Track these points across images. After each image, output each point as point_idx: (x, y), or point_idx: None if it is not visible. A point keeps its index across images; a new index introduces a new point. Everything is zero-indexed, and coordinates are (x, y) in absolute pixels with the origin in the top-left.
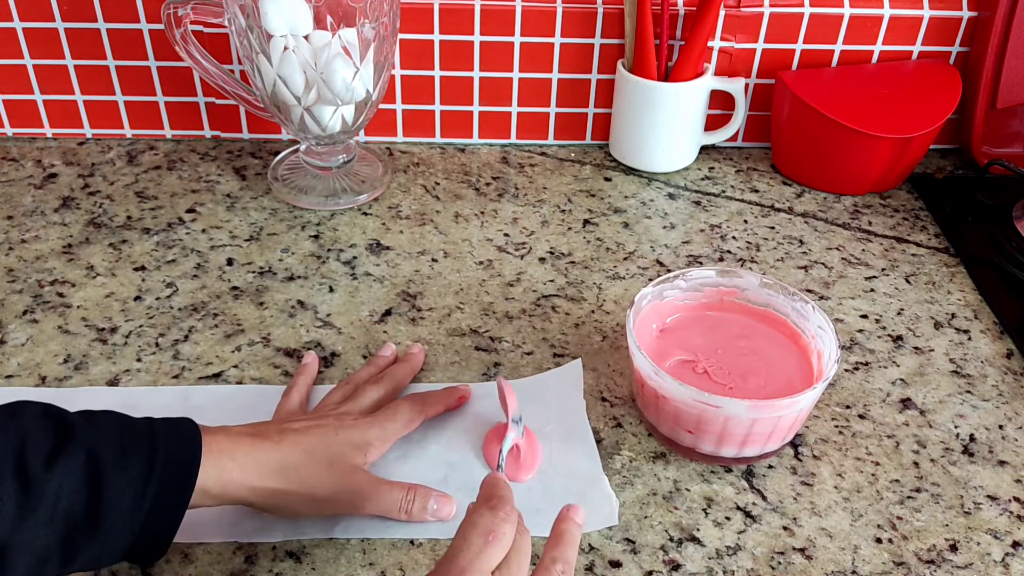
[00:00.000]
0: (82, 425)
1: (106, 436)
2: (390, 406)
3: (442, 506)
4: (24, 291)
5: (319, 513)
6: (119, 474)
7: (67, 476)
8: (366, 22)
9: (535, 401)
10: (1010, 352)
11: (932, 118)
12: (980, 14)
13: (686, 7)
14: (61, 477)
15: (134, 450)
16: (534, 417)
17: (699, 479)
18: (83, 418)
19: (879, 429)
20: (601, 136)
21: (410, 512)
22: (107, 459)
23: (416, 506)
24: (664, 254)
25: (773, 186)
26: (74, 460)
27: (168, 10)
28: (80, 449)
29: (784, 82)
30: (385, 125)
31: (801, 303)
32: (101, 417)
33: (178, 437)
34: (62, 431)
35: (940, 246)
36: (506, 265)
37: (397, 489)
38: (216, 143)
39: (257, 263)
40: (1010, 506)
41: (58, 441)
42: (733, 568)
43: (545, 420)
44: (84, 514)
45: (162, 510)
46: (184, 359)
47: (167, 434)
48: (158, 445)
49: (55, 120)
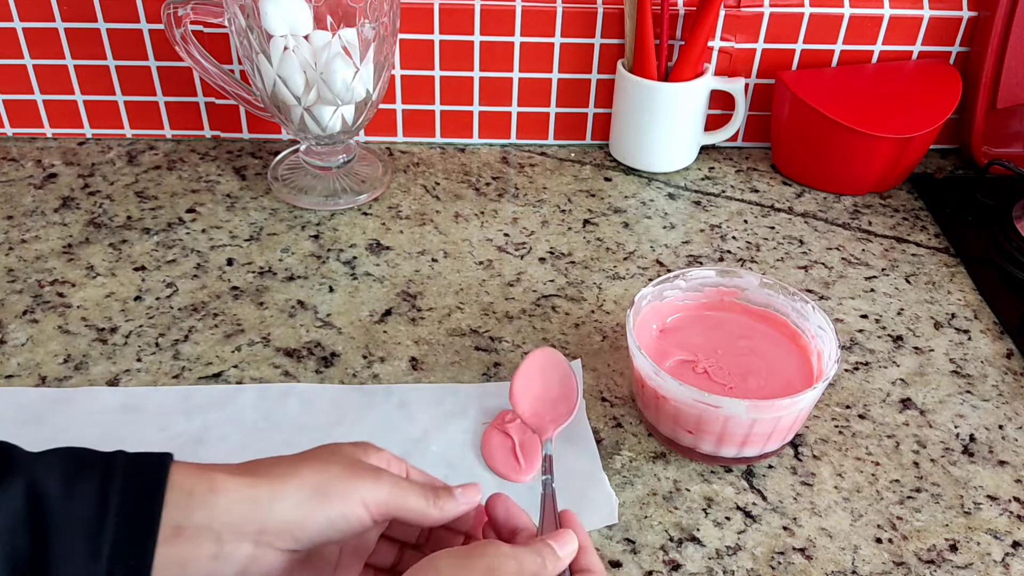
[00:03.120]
0: (25, 458)
1: (51, 467)
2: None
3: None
4: (24, 291)
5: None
6: (66, 508)
7: (4, 514)
8: (366, 22)
9: None
10: (1010, 352)
11: (932, 118)
12: (980, 14)
13: (686, 7)
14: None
15: (83, 479)
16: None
17: (699, 479)
18: (30, 453)
19: (879, 429)
20: (601, 136)
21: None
22: (51, 491)
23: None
24: (664, 254)
25: (773, 186)
26: (10, 495)
27: (168, 10)
28: (18, 481)
29: (784, 82)
30: (385, 125)
31: (801, 303)
32: (52, 451)
33: (140, 466)
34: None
35: (940, 246)
36: (506, 265)
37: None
38: (216, 143)
39: (257, 263)
40: (1010, 506)
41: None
42: (733, 568)
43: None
44: (29, 560)
45: (126, 554)
46: (184, 359)
47: (126, 461)
48: (113, 473)
49: (55, 120)
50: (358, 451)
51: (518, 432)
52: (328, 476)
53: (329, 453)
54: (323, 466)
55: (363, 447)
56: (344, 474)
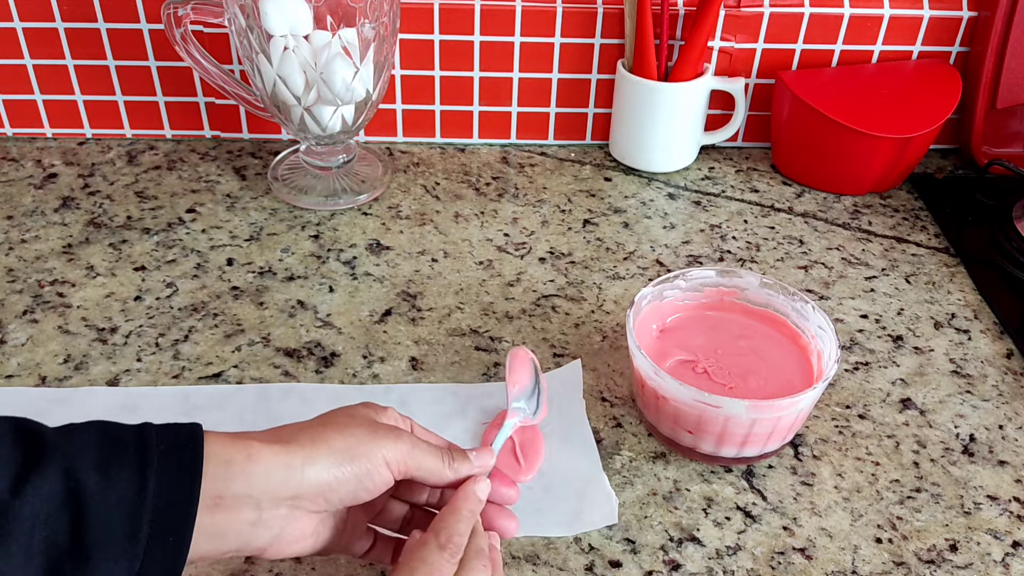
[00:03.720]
0: (57, 439)
1: (85, 448)
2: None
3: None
4: (24, 291)
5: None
6: (103, 491)
7: (39, 501)
8: (366, 22)
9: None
10: (1010, 352)
11: (932, 118)
12: (980, 14)
13: (686, 7)
14: (33, 502)
15: (119, 462)
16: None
17: (699, 479)
18: (60, 431)
19: (879, 429)
20: (601, 136)
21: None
22: (87, 476)
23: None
24: (664, 254)
25: (773, 186)
26: (48, 481)
27: (168, 10)
28: (54, 467)
29: (784, 82)
30: (385, 125)
31: (801, 303)
32: (82, 428)
33: (174, 440)
34: (33, 448)
35: (940, 246)
36: (506, 265)
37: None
38: (216, 143)
39: (257, 263)
40: (1010, 506)
41: (27, 460)
42: (733, 568)
43: (545, 420)
44: (68, 546)
45: (164, 531)
46: (184, 359)
47: (159, 438)
48: (148, 452)
49: (55, 120)
50: (371, 411)
51: (518, 432)
52: (354, 439)
53: (346, 416)
54: (346, 429)
55: (373, 407)
56: (367, 436)
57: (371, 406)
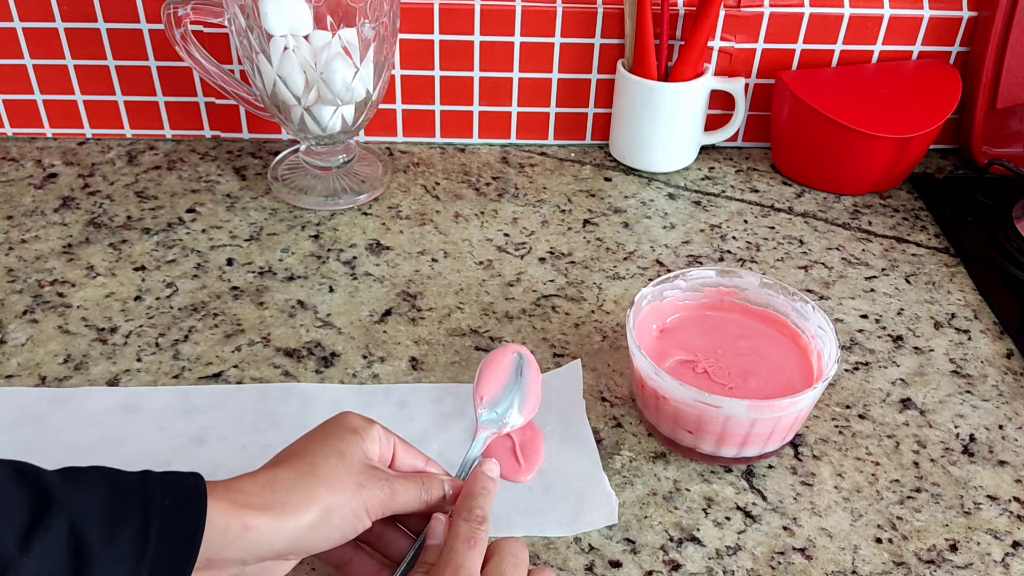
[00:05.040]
0: (62, 491)
1: (91, 504)
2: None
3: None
4: (24, 291)
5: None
6: (106, 550)
7: (45, 557)
8: (366, 22)
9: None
10: (1010, 352)
11: (932, 118)
12: (980, 14)
13: (686, 7)
14: (39, 558)
15: (123, 520)
16: (534, 417)
17: (699, 479)
18: (64, 480)
19: (879, 429)
20: (601, 136)
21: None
22: (92, 534)
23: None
24: (664, 254)
25: (773, 186)
26: (53, 537)
27: (168, 10)
28: (61, 522)
29: (784, 82)
30: (385, 125)
31: (801, 303)
32: (86, 478)
33: (177, 495)
34: (39, 499)
35: (940, 246)
36: (506, 265)
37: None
38: (216, 143)
39: (257, 263)
40: (1010, 506)
41: (34, 513)
42: (733, 568)
43: (545, 420)
44: None
45: None
46: (184, 359)
47: (163, 495)
48: (152, 512)
49: (55, 120)
50: (359, 439)
51: (518, 432)
52: (343, 497)
53: (337, 456)
54: (336, 483)
55: (361, 431)
56: (353, 489)
57: (359, 429)
